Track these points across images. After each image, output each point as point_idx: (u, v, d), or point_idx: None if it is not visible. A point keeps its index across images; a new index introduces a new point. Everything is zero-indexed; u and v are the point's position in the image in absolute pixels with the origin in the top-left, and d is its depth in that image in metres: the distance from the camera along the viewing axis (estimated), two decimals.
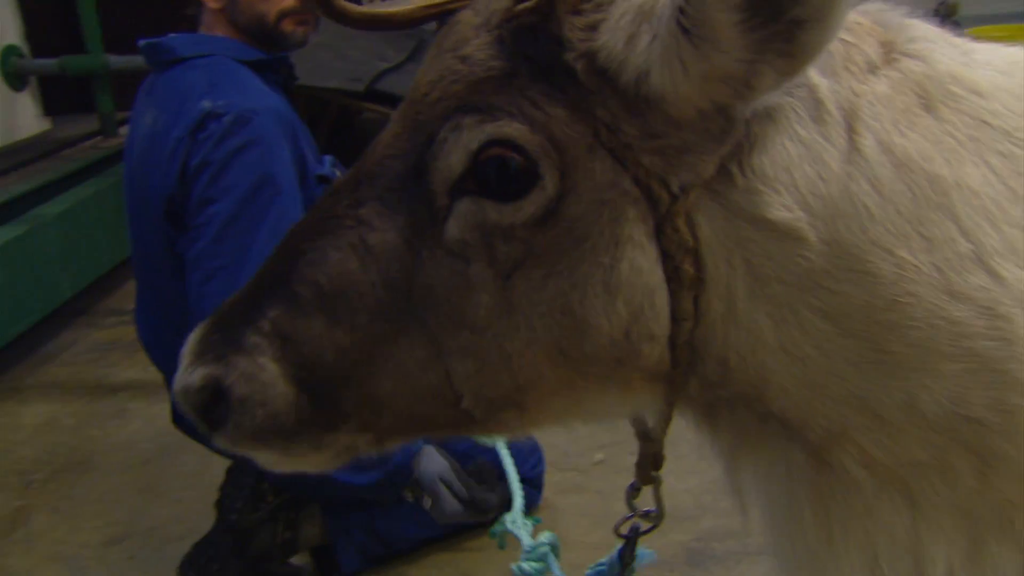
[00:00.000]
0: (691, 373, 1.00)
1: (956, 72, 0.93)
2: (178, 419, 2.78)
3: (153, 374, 2.80)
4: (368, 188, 1.00)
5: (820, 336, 0.94)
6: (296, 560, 2.83)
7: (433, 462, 2.54)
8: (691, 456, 1.51)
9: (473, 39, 0.99)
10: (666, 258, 0.93)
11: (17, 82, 6.00)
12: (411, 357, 0.98)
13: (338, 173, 2.74)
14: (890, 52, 0.95)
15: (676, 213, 0.92)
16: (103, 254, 5.00)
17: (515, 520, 1.87)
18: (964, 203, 0.89)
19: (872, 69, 0.93)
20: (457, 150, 0.95)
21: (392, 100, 6.54)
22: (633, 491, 1.25)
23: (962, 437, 0.95)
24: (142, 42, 2.60)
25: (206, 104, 2.36)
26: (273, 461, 1.05)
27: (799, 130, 0.91)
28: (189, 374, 1.00)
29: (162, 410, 2.96)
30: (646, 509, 1.27)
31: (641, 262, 0.93)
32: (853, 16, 0.97)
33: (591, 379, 1.01)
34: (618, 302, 0.94)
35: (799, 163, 0.91)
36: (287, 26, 2.56)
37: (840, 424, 0.99)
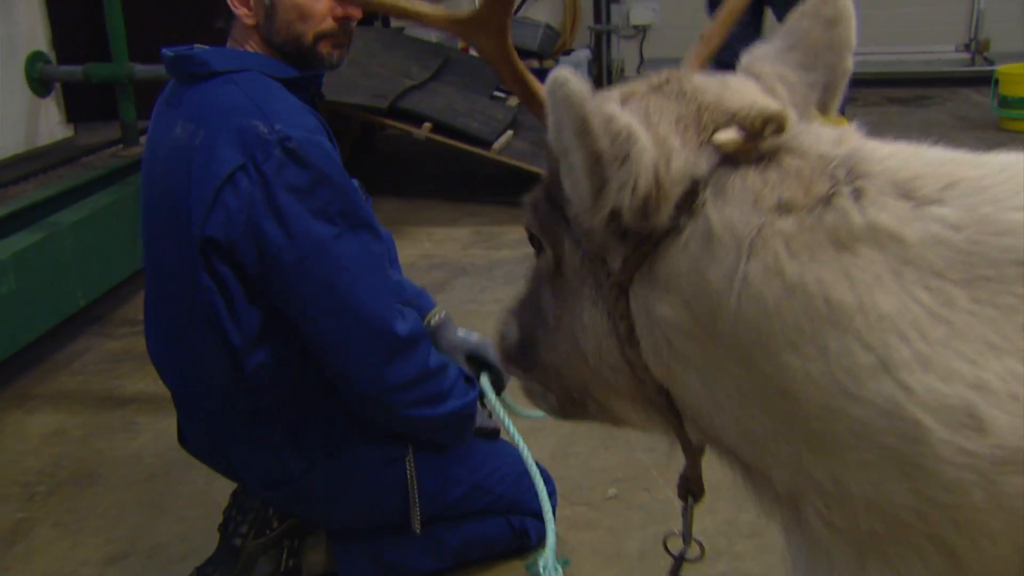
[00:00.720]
0: (684, 416, 1.26)
1: (880, 224, 1.03)
2: (183, 439, 2.73)
3: (162, 388, 2.74)
4: None
5: (739, 403, 1.13)
6: None
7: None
8: (707, 496, 1.45)
9: None
10: (610, 318, 1.24)
11: (42, 88, 5.99)
12: (542, 344, 1.42)
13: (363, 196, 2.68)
14: (814, 199, 1.07)
15: (612, 286, 1.22)
16: (118, 263, 4.95)
17: (547, 564, 2.14)
18: (868, 324, 1.00)
19: (782, 209, 1.08)
20: (525, 217, 1.39)
21: (415, 118, 6.50)
22: (682, 495, 1.51)
23: (907, 520, 1.02)
24: (168, 52, 2.48)
25: (262, 128, 2.25)
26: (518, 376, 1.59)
27: (692, 248, 1.12)
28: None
29: (170, 425, 2.90)
30: (681, 532, 1.55)
31: (594, 314, 1.27)
32: (797, 161, 1.11)
33: (618, 395, 1.32)
34: (588, 338, 1.29)
35: (687, 274, 1.13)
36: (324, 48, 2.45)
37: (791, 483, 1.12)
